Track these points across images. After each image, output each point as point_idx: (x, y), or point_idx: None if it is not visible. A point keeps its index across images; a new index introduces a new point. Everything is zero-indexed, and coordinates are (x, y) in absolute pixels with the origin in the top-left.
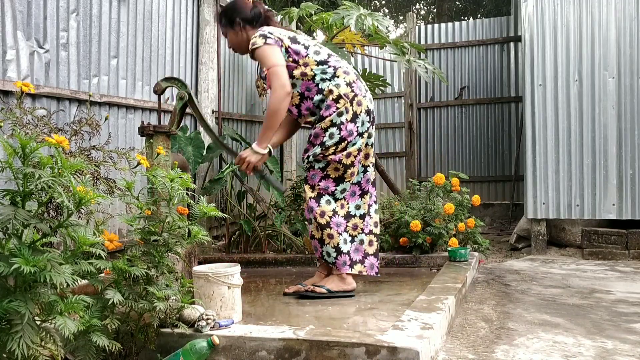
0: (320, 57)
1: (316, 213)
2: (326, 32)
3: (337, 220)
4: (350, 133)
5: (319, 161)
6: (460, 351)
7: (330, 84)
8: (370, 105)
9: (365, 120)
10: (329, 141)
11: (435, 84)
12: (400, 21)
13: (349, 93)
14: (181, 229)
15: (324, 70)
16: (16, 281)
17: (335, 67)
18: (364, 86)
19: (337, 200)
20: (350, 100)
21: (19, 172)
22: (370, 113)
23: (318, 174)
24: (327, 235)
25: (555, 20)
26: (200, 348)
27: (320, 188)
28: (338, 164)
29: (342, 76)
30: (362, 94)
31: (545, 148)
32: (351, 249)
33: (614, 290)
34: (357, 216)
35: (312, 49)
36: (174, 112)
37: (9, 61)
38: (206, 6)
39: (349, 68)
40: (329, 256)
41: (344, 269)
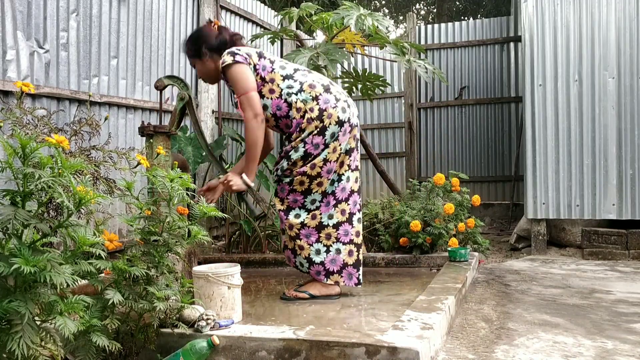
0: (286, 72)
1: (285, 225)
2: (326, 32)
3: (307, 231)
4: (317, 147)
5: (287, 176)
6: (460, 351)
7: (297, 98)
8: (342, 115)
9: (335, 131)
10: (294, 154)
11: (435, 84)
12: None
13: (314, 107)
14: (181, 229)
15: (289, 85)
16: (16, 281)
17: (301, 81)
18: (335, 95)
19: (309, 211)
20: (318, 117)
21: (19, 172)
22: (342, 123)
23: (285, 187)
24: (298, 247)
25: (555, 21)
26: (200, 348)
27: (289, 201)
28: (302, 176)
29: (307, 90)
30: (331, 105)
31: (545, 148)
32: (326, 259)
33: (614, 291)
34: (330, 226)
35: (277, 63)
36: (174, 112)
37: (9, 61)
38: (206, 6)
39: (315, 81)
40: (302, 266)
41: (318, 278)
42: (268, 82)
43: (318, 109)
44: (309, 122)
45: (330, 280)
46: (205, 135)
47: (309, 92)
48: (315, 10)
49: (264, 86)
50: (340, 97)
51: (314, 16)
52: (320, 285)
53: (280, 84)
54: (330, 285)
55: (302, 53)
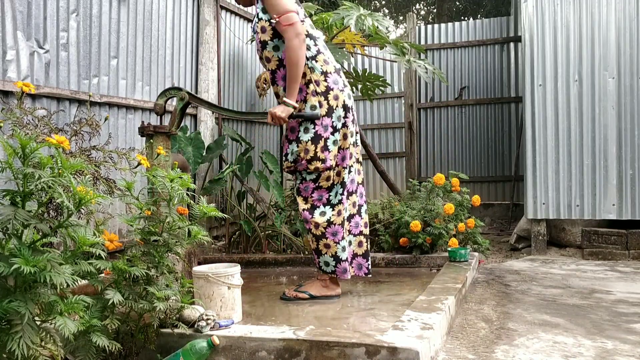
0: (313, 32)
1: (311, 225)
2: (326, 33)
3: (333, 229)
4: (326, 128)
5: (310, 172)
6: (460, 351)
7: (306, 63)
8: (348, 101)
9: (341, 116)
10: (303, 136)
11: (435, 84)
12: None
13: (320, 81)
14: (181, 229)
15: (308, 45)
16: (16, 281)
17: (320, 50)
18: (343, 81)
19: (333, 207)
20: (324, 93)
21: (19, 172)
22: (348, 109)
23: (310, 186)
24: (324, 246)
25: (555, 21)
26: (200, 348)
27: (314, 199)
28: (329, 170)
29: (321, 62)
30: (339, 88)
31: (545, 148)
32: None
33: (614, 291)
34: (346, 219)
35: (308, 21)
36: (174, 112)
37: (9, 61)
38: (206, 6)
39: (330, 59)
40: (327, 266)
41: (343, 276)
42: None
43: (325, 86)
44: (312, 95)
45: (349, 274)
46: (205, 135)
47: (322, 64)
48: (315, 11)
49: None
50: (347, 85)
51: (314, 16)
52: (320, 285)
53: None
54: (330, 286)
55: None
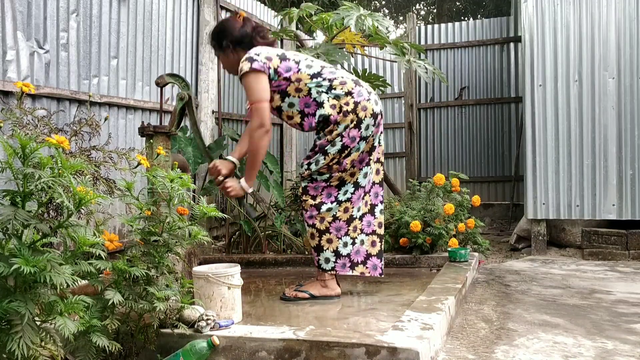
0: (313, 70)
1: (315, 220)
2: (326, 33)
3: (337, 225)
4: (353, 139)
5: (323, 174)
6: (460, 351)
7: (328, 96)
8: (376, 108)
9: (370, 124)
10: (331, 149)
11: (435, 85)
12: (400, 21)
13: (349, 102)
14: (181, 230)
15: (318, 83)
16: (16, 281)
17: (330, 78)
18: (366, 89)
19: (340, 204)
20: (354, 110)
21: (19, 172)
22: (376, 116)
23: (321, 185)
24: (327, 241)
25: (555, 21)
26: (200, 348)
27: (323, 196)
28: (342, 172)
29: (339, 87)
30: (365, 98)
31: (545, 148)
32: (352, 251)
33: (614, 291)
34: (357, 218)
35: (303, 63)
36: (174, 112)
37: (9, 61)
38: (206, 6)
39: (345, 77)
40: (327, 262)
41: (343, 270)
42: (294, 82)
43: (353, 102)
44: (345, 115)
45: (356, 272)
46: (206, 135)
47: (341, 88)
48: (315, 11)
49: (289, 85)
50: (371, 91)
51: (314, 16)
52: (320, 286)
53: (308, 82)
54: (330, 287)
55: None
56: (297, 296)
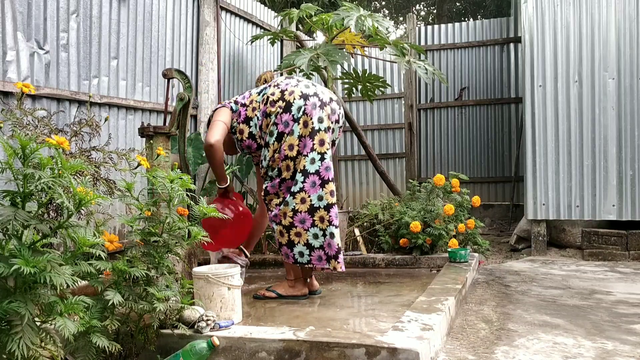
0: (260, 89)
1: (280, 217)
2: (326, 33)
3: (300, 217)
4: (286, 124)
5: (273, 169)
6: (460, 352)
7: (262, 96)
8: (305, 90)
9: (301, 105)
10: (270, 139)
11: (435, 85)
12: (400, 22)
13: (276, 92)
14: (181, 230)
15: (259, 91)
16: (16, 282)
17: (266, 92)
18: (297, 79)
19: (294, 195)
20: (281, 98)
21: (19, 173)
22: (307, 97)
23: (276, 181)
24: (295, 235)
25: (555, 22)
26: (200, 349)
27: (283, 191)
28: (286, 160)
29: (272, 87)
30: (292, 85)
31: (545, 149)
32: (324, 243)
33: (614, 291)
34: (321, 208)
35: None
36: (174, 113)
37: (9, 62)
38: (206, 7)
39: (282, 81)
40: (302, 256)
41: (320, 264)
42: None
43: (279, 91)
44: (271, 105)
45: (331, 265)
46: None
47: (273, 87)
48: (315, 11)
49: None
50: (306, 83)
51: (314, 17)
52: (287, 285)
53: (256, 98)
54: (296, 287)
55: (302, 54)
56: (265, 295)
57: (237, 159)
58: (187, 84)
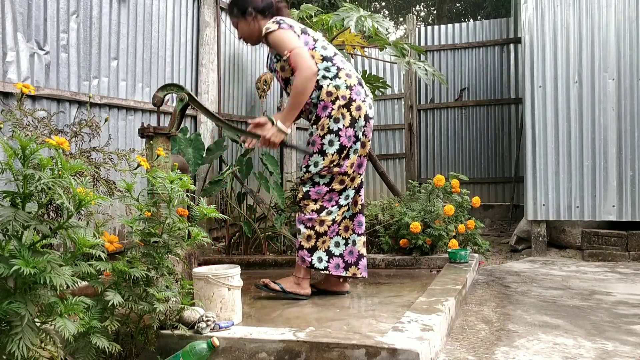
0: (327, 53)
1: (315, 222)
2: (326, 34)
3: (334, 228)
4: (349, 139)
5: (323, 176)
6: (460, 353)
7: (330, 83)
8: (369, 112)
9: (362, 125)
10: (329, 149)
11: (435, 86)
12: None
13: (347, 95)
14: (181, 231)
15: (327, 67)
16: (16, 282)
17: (339, 67)
18: (365, 91)
19: (340, 207)
20: (347, 105)
21: (19, 173)
22: (368, 119)
23: (323, 189)
24: (321, 242)
25: (555, 22)
26: (200, 350)
27: (324, 200)
28: (343, 175)
29: (344, 78)
30: (361, 99)
31: (545, 149)
32: (344, 251)
33: (614, 292)
34: (347, 218)
35: (320, 43)
36: (173, 113)
37: (9, 63)
38: (206, 8)
39: (352, 71)
40: (320, 262)
41: (337, 271)
42: None
43: (349, 98)
44: (338, 109)
45: (349, 273)
46: (206, 136)
47: (345, 79)
48: (315, 12)
49: None
50: (369, 94)
51: (314, 18)
52: (294, 282)
53: (319, 64)
54: (302, 285)
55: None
56: (269, 285)
57: (238, 160)
58: (176, 89)
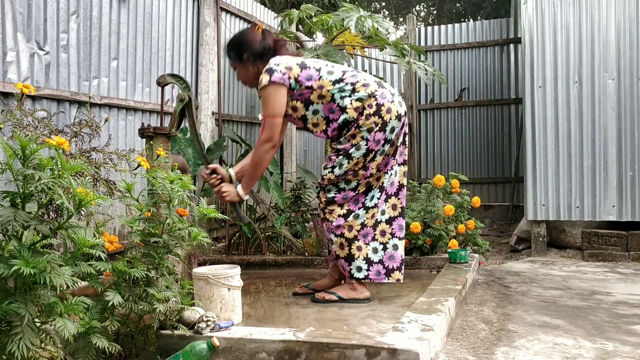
0: (335, 76)
1: (344, 228)
2: (326, 34)
3: (365, 231)
4: (378, 142)
5: (349, 182)
6: (460, 353)
7: (351, 99)
8: (400, 109)
9: (395, 126)
10: (355, 153)
11: (435, 86)
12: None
13: (373, 103)
14: (181, 231)
15: (341, 88)
16: (16, 283)
17: (353, 82)
18: (389, 90)
19: (368, 210)
20: (377, 112)
21: (19, 173)
22: (400, 117)
23: (350, 194)
24: (357, 248)
25: (555, 22)
26: (200, 350)
27: (350, 204)
28: (369, 178)
29: (362, 90)
30: (389, 100)
31: (545, 150)
32: (384, 256)
33: (614, 292)
34: (383, 222)
35: (324, 70)
36: (173, 114)
37: (9, 63)
38: (206, 8)
39: (367, 79)
40: (359, 271)
41: (379, 279)
42: (316, 89)
43: (376, 104)
44: (367, 118)
45: (392, 279)
46: (206, 136)
47: (364, 90)
48: (315, 12)
49: (312, 93)
50: (394, 92)
51: (314, 18)
52: (349, 288)
53: (331, 89)
54: (358, 290)
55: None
56: (325, 298)
57: (237, 160)
58: (183, 85)
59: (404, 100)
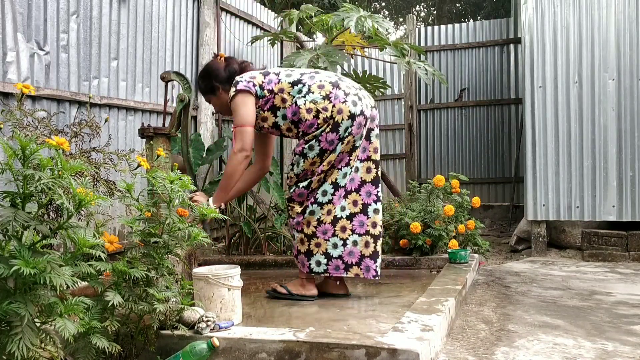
0: (292, 78)
1: (303, 225)
2: (326, 34)
3: (323, 228)
4: (331, 143)
5: (303, 180)
6: (460, 353)
7: (305, 100)
8: (354, 109)
9: (348, 126)
10: (309, 152)
11: (435, 86)
12: (400, 23)
13: (328, 107)
14: (181, 231)
15: (299, 89)
16: (16, 283)
17: (309, 84)
18: (344, 90)
19: (322, 206)
20: (330, 114)
21: (19, 173)
22: (354, 117)
23: (304, 192)
24: (315, 245)
25: (555, 22)
26: (200, 350)
27: (307, 201)
28: (320, 175)
29: (317, 91)
30: (340, 101)
31: (545, 150)
32: (344, 252)
33: (614, 292)
34: (344, 218)
35: (282, 73)
36: (174, 114)
37: (9, 63)
38: (206, 8)
39: (324, 80)
40: (319, 265)
41: (337, 273)
42: (278, 93)
43: (331, 105)
44: (325, 121)
45: (350, 273)
46: (205, 137)
47: (319, 92)
48: (315, 12)
49: (274, 98)
50: (350, 91)
51: (314, 18)
52: (299, 284)
53: (290, 91)
54: (307, 287)
55: (302, 55)
56: (277, 289)
57: None
58: (186, 85)
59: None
